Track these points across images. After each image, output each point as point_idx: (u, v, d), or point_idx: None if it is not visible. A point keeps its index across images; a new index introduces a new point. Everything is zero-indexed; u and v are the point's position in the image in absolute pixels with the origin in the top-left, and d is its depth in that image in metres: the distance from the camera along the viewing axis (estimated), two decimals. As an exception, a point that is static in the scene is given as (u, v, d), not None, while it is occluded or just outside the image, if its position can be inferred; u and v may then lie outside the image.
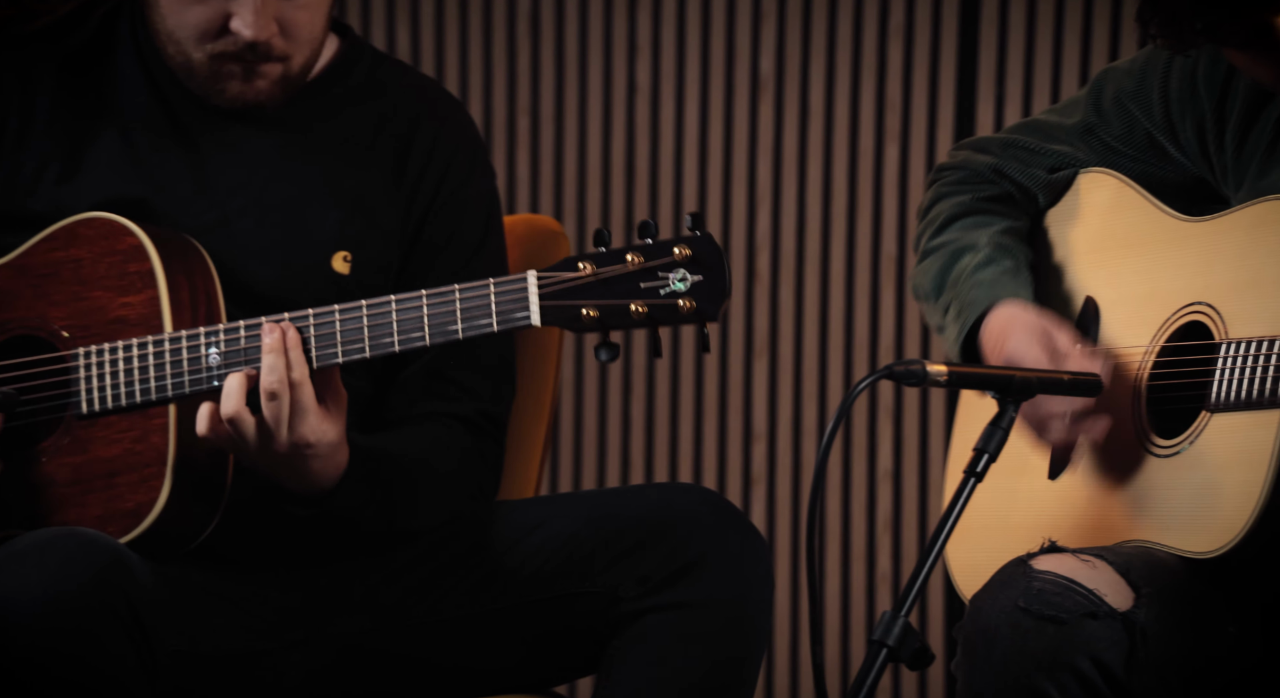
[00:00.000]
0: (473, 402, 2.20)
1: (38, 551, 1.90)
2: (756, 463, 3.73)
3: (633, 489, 2.17)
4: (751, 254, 3.72)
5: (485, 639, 2.14)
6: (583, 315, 1.92)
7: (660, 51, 3.73)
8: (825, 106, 3.70)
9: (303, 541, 2.14)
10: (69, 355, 2.06)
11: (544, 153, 3.76)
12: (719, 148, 3.72)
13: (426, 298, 1.96)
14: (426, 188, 2.20)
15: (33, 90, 2.15)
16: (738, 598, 2.08)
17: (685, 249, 1.92)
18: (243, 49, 2.08)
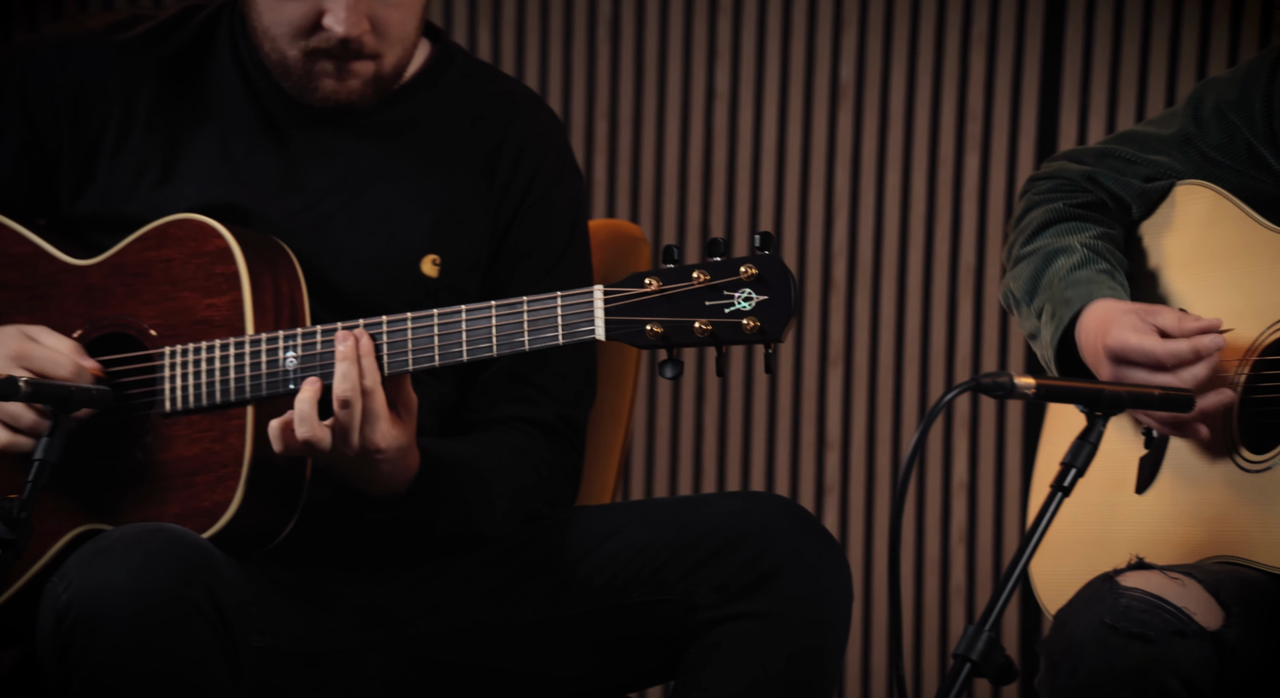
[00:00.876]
0: (552, 406, 2.21)
1: (125, 546, 1.92)
2: (830, 472, 3.71)
3: (710, 497, 2.16)
4: (828, 263, 3.70)
5: (560, 645, 2.14)
6: (647, 332, 1.93)
7: (740, 56, 3.72)
8: (905, 114, 3.68)
9: (381, 543, 2.15)
10: (156, 354, 2.09)
11: (621, 157, 3.76)
12: (797, 155, 3.71)
13: (496, 309, 1.98)
14: (514, 193, 2.22)
15: (132, 95, 2.18)
16: (815, 608, 2.07)
17: (752, 268, 1.92)
18: (335, 46, 2.10)
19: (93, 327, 2.12)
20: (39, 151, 2.19)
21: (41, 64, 2.18)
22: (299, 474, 2.06)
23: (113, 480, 2.08)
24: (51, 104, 2.18)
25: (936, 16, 3.65)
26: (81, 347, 2.10)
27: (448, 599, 2.14)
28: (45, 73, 2.18)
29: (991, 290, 3.67)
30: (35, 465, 1.92)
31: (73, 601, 1.90)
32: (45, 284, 2.14)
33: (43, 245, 2.15)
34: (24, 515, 1.84)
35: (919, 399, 3.68)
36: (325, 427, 1.99)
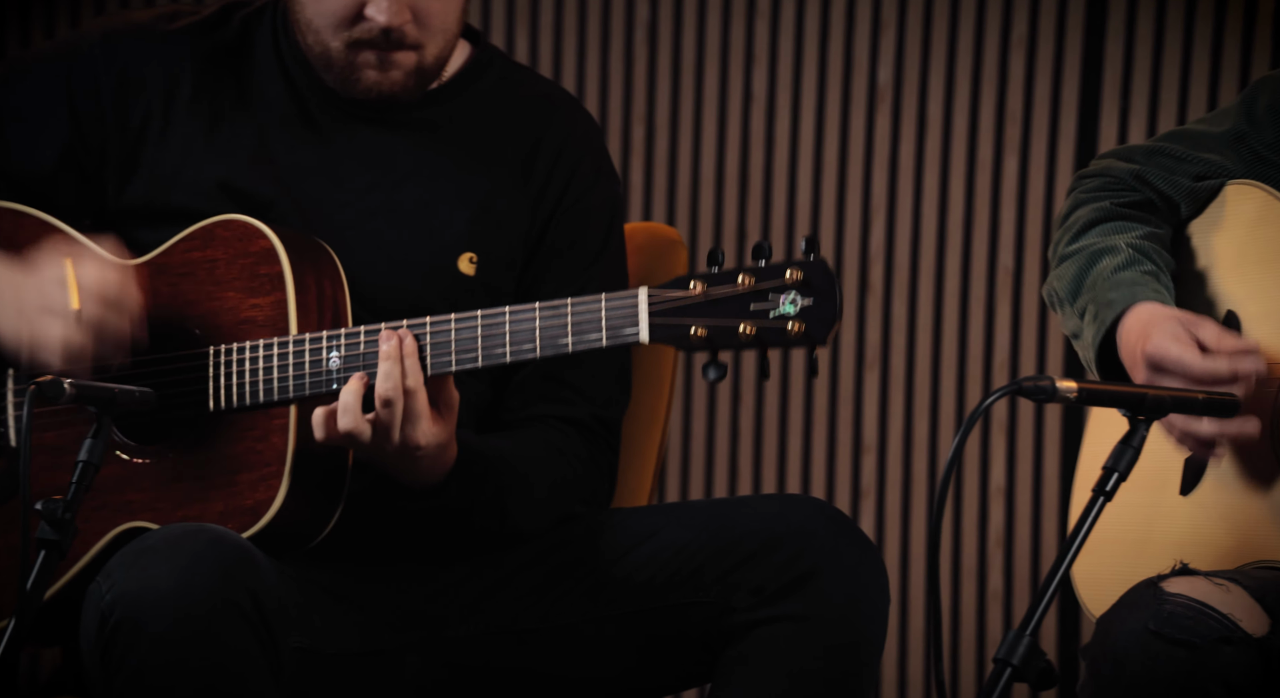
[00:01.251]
0: (587, 406, 2.21)
1: (168, 547, 1.93)
2: (866, 476, 3.70)
3: (747, 499, 2.16)
4: (865, 266, 3.70)
5: (596, 647, 2.14)
6: (691, 334, 1.93)
7: (777, 60, 3.72)
8: (943, 117, 3.67)
9: (418, 538, 2.15)
10: (201, 354, 2.10)
11: (658, 161, 3.76)
12: (834, 158, 3.71)
13: (539, 310, 1.99)
14: (551, 193, 2.22)
15: (175, 86, 2.19)
16: (853, 611, 2.07)
17: (797, 272, 1.92)
18: (377, 36, 2.11)
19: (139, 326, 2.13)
20: (83, 148, 2.20)
21: (86, 60, 2.19)
22: (340, 474, 2.07)
23: (155, 479, 2.09)
24: (96, 99, 2.19)
25: (976, 19, 3.64)
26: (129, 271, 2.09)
27: (484, 601, 2.15)
28: (90, 68, 2.19)
29: (1030, 294, 3.66)
30: (79, 467, 1.93)
31: (116, 601, 1.91)
32: None
33: (89, 245, 2.17)
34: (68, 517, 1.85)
35: (956, 403, 3.67)
36: (367, 421, 1.99)
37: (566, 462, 2.18)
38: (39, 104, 2.20)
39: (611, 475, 2.24)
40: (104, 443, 1.94)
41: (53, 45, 2.23)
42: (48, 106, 2.19)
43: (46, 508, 1.86)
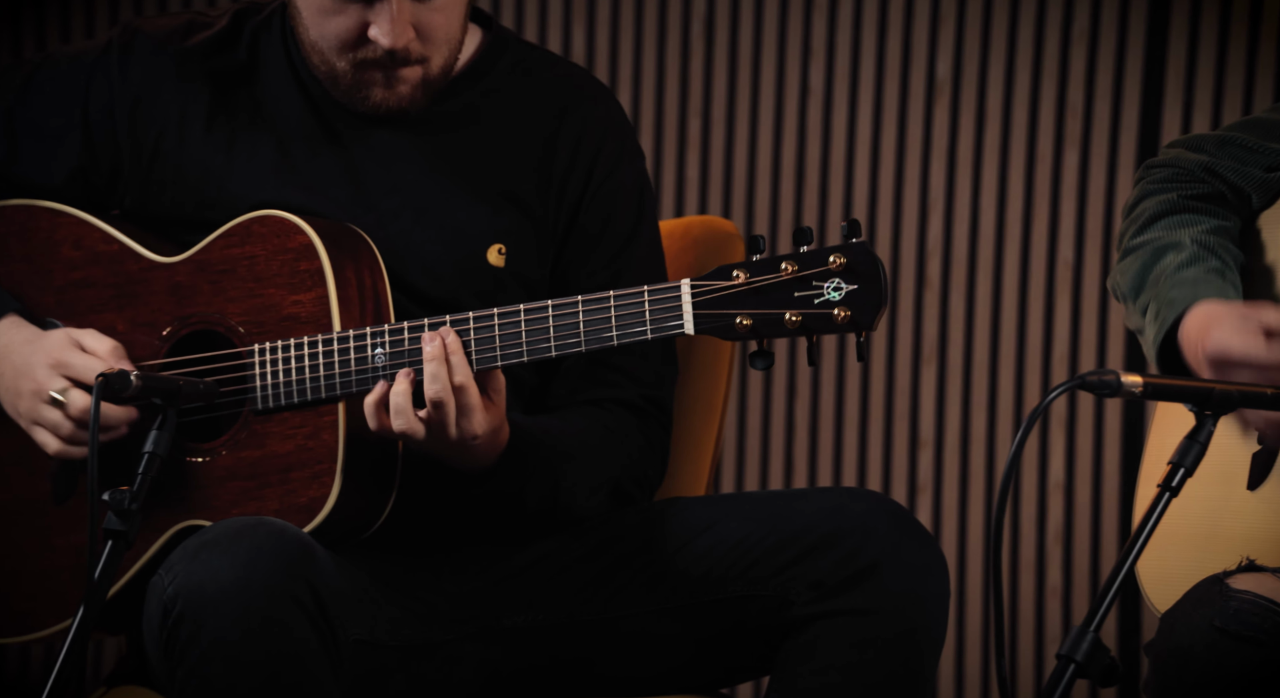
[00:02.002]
0: (635, 386, 2.21)
1: (229, 540, 1.94)
2: (922, 471, 3.69)
3: (806, 492, 2.15)
4: (922, 260, 3.68)
5: (653, 639, 2.14)
6: (736, 324, 1.92)
7: (835, 54, 3.71)
8: (1003, 111, 3.65)
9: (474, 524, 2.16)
10: (246, 352, 2.10)
11: (714, 155, 3.75)
12: (891, 152, 3.69)
13: (583, 304, 1.99)
14: (577, 177, 2.21)
15: (189, 104, 2.20)
16: (914, 606, 2.06)
17: (840, 258, 1.90)
18: (382, 56, 2.11)
19: (181, 324, 2.14)
20: (93, 167, 2.21)
21: (103, 78, 2.20)
22: (392, 466, 2.08)
23: (208, 478, 2.09)
24: (110, 117, 2.20)
25: (1036, 12, 3.62)
26: (123, 349, 2.11)
27: (541, 593, 2.15)
28: (106, 85, 2.20)
29: (1090, 288, 3.63)
30: (145, 458, 1.95)
31: (178, 594, 1.92)
32: (133, 281, 2.15)
33: (129, 243, 2.17)
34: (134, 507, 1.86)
35: (1014, 398, 3.65)
36: (420, 418, 2.00)
37: (617, 439, 2.18)
38: (53, 120, 2.20)
39: (664, 453, 2.23)
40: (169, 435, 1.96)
41: (71, 58, 2.23)
42: (62, 124, 2.20)
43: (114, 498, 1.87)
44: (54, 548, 2.14)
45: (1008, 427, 3.66)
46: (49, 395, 2.10)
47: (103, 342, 2.12)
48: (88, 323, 2.16)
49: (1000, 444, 3.67)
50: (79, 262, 2.18)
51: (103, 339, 2.12)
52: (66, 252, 2.18)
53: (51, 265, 2.19)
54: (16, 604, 2.15)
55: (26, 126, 2.21)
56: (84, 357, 2.11)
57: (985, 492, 3.68)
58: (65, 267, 2.18)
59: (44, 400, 2.11)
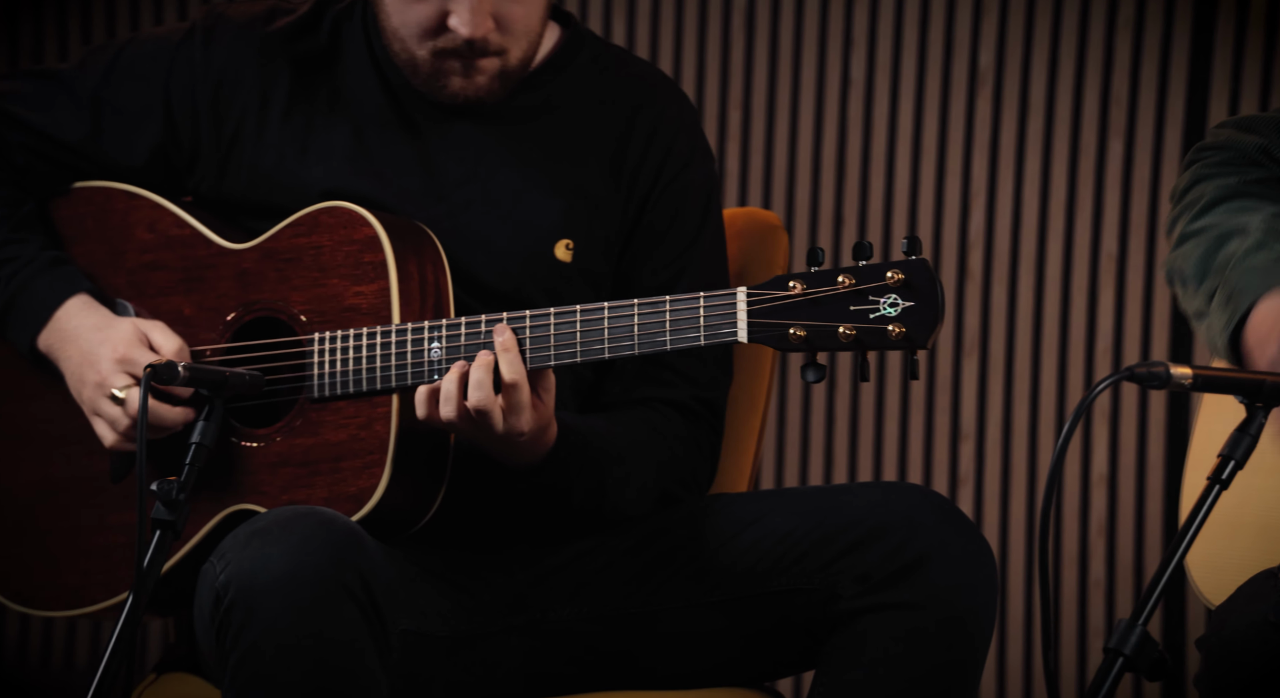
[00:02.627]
0: (688, 388, 2.21)
1: (280, 528, 1.95)
2: (964, 464, 3.68)
3: (851, 487, 2.15)
4: (964, 252, 3.67)
5: (699, 632, 2.14)
6: (790, 335, 1.92)
7: (876, 45, 3.70)
8: (1046, 101, 3.63)
9: (521, 521, 2.16)
10: (306, 340, 2.11)
11: (754, 147, 3.74)
12: (933, 143, 3.68)
13: (638, 308, 1.99)
14: (646, 175, 2.22)
15: (269, 89, 2.21)
16: (960, 600, 2.05)
17: (898, 274, 1.90)
18: (461, 46, 2.12)
19: (246, 310, 2.16)
20: (174, 148, 2.23)
21: (185, 60, 2.22)
22: (442, 460, 2.09)
23: (261, 463, 2.11)
24: (191, 100, 2.22)
25: (1081, 2, 3.60)
26: (188, 349, 2.14)
27: (588, 585, 2.15)
28: (189, 69, 2.22)
29: (1134, 279, 3.62)
30: (192, 448, 1.96)
31: (230, 581, 1.93)
32: (201, 267, 2.18)
33: (200, 228, 2.19)
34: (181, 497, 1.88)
35: (1056, 390, 3.64)
36: (468, 410, 2.00)
37: (666, 442, 2.18)
38: (137, 102, 2.23)
39: (714, 457, 2.23)
40: (216, 425, 1.97)
41: (155, 40, 2.25)
42: (145, 105, 2.22)
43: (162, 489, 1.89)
44: (109, 525, 2.17)
45: (1050, 419, 3.65)
46: (111, 392, 2.12)
47: (169, 339, 2.14)
48: (156, 305, 2.19)
49: (1042, 437, 3.66)
50: (151, 244, 2.20)
51: (170, 337, 2.15)
52: (140, 234, 2.21)
53: (125, 247, 2.21)
54: (70, 579, 2.18)
55: (111, 108, 2.23)
56: (149, 356, 2.13)
57: (1027, 485, 3.66)
58: (138, 249, 2.21)
59: (105, 395, 2.13)
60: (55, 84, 2.25)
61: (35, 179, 2.25)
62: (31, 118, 2.24)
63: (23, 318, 2.19)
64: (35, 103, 2.24)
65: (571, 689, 2.17)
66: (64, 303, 2.17)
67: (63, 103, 2.24)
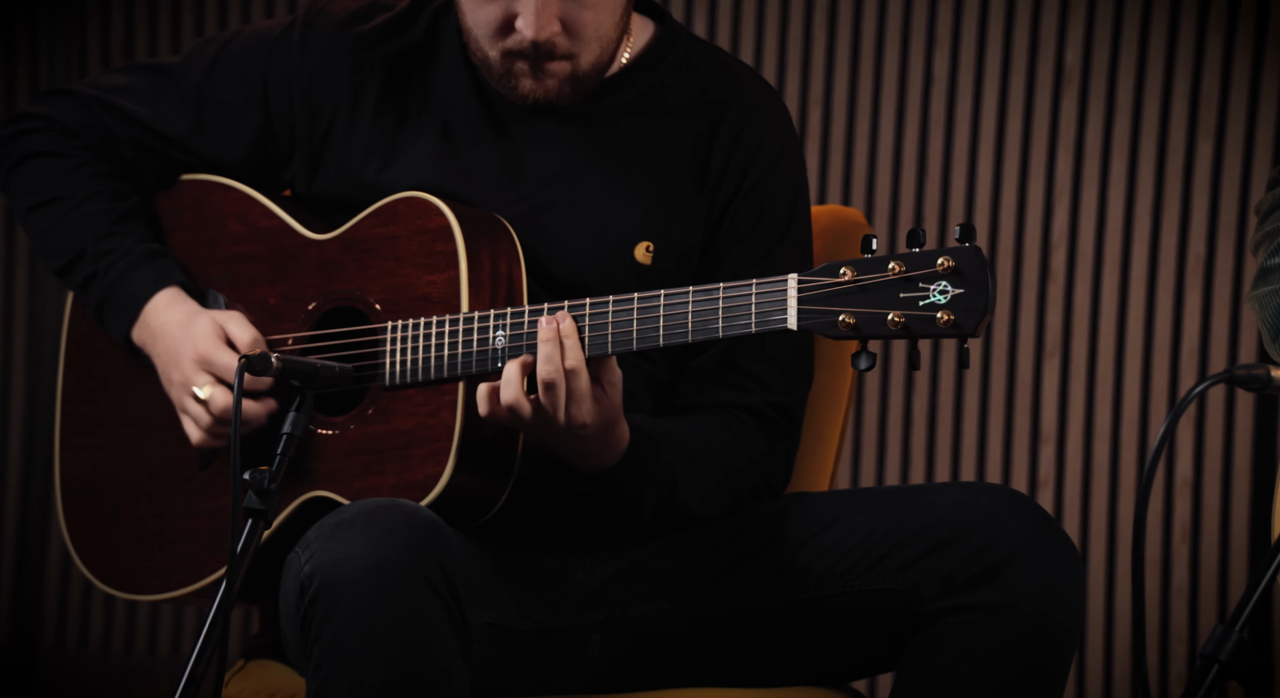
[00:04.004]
0: (763, 392, 2.20)
1: (363, 519, 1.96)
2: (1044, 465, 3.65)
3: (933, 487, 2.13)
4: (1046, 252, 3.64)
5: (779, 631, 2.13)
6: (839, 322, 1.91)
7: (960, 43, 3.67)
8: (1134, 100, 3.60)
9: (593, 522, 2.16)
10: (379, 329, 2.13)
11: (834, 145, 3.73)
12: (1016, 142, 3.65)
13: (693, 295, 1.98)
14: (732, 175, 2.21)
15: (362, 87, 2.23)
16: (1047, 603, 2.03)
17: (949, 260, 1.87)
18: (527, 48, 2.12)
19: (326, 299, 2.18)
20: (271, 140, 2.25)
21: (283, 55, 2.24)
22: (510, 450, 2.09)
23: (335, 451, 2.13)
24: (287, 94, 2.23)
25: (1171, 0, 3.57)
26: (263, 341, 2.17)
27: (669, 582, 2.15)
28: (286, 63, 2.24)
29: (1221, 282, 3.58)
30: (283, 439, 1.98)
31: (314, 572, 1.94)
32: (287, 257, 2.20)
33: (287, 219, 2.22)
34: (273, 487, 1.89)
35: (1140, 393, 3.60)
36: (530, 398, 2.01)
37: (740, 447, 2.17)
38: (238, 97, 2.25)
39: (788, 462, 2.22)
40: (307, 416, 1.99)
41: (256, 35, 2.27)
42: (244, 100, 2.24)
43: (254, 478, 1.90)
44: (196, 512, 2.20)
45: (1133, 422, 3.61)
46: (193, 392, 2.16)
47: (245, 331, 2.17)
48: (245, 294, 2.22)
49: (1125, 440, 3.62)
50: (242, 235, 2.23)
51: (246, 328, 2.17)
52: (232, 226, 2.24)
53: (218, 238, 2.24)
54: (161, 563, 2.21)
55: (212, 102, 2.26)
56: (226, 354, 2.16)
57: (1108, 488, 3.63)
58: (230, 240, 2.24)
59: (189, 394, 2.17)
60: (164, 78, 2.28)
61: (143, 172, 2.29)
62: (140, 112, 2.27)
63: (117, 311, 2.22)
64: (144, 98, 2.27)
65: (651, 686, 2.16)
66: (153, 297, 2.20)
67: (169, 97, 2.27)
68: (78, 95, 2.29)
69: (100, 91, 2.28)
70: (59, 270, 2.26)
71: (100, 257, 2.23)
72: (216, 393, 2.14)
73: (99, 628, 3.92)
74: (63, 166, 2.26)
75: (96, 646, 3.92)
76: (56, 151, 2.27)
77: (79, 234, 2.23)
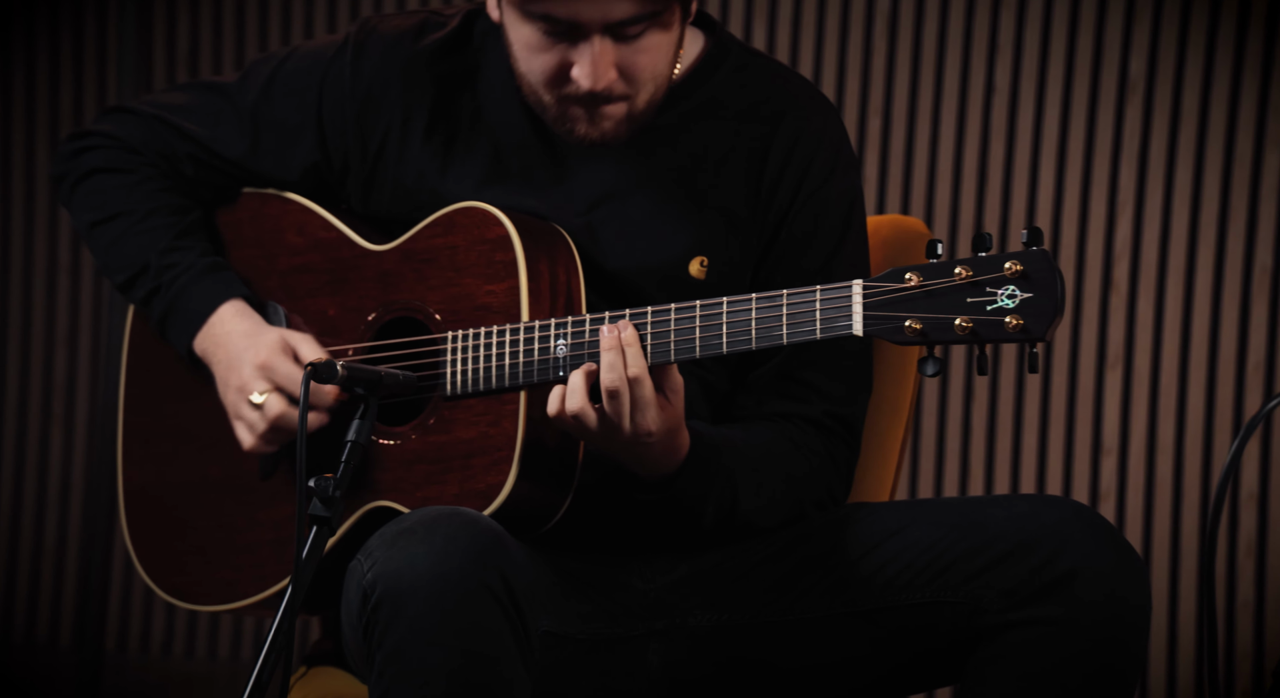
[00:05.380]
0: (822, 403, 2.19)
1: (424, 528, 1.96)
2: (1105, 478, 3.62)
3: (996, 499, 2.12)
4: (1109, 262, 3.61)
5: (839, 642, 2.12)
6: (905, 328, 1.90)
7: (1023, 51, 3.65)
8: (1200, 109, 3.56)
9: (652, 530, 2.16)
10: (440, 339, 2.13)
11: (894, 154, 3.71)
12: (1079, 152, 3.62)
13: (755, 301, 1.98)
14: (787, 186, 2.20)
15: (414, 106, 2.23)
16: (1112, 618, 2.01)
17: (1017, 265, 1.86)
18: (584, 95, 2.11)
19: (385, 310, 2.18)
20: (325, 163, 2.26)
21: (337, 76, 2.25)
22: (571, 459, 2.09)
23: (396, 460, 2.13)
24: (341, 116, 2.25)
25: (1239, 6, 3.53)
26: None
27: (728, 592, 2.14)
28: (339, 85, 2.25)
29: (1288, 294, 3.54)
30: (348, 446, 1.99)
31: (376, 580, 1.95)
32: (346, 268, 2.21)
33: (345, 231, 2.23)
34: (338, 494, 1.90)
35: (1204, 405, 3.57)
36: (594, 407, 2.00)
37: (801, 456, 2.16)
38: (293, 118, 2.26)
39: (849, 473, 2.21)
40: (371, 424, 2.00)
41: (311, 55, 2.28)
42: (300, 121, 2.26)
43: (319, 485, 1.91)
44: (258, 522, 2.21)
45: (1197, 436, 3.58)
46: (250, 397, 2.16)
47: (314, 352, 2.18)
48: (304, 306, 2.23)
49: (1189, 453, 3.59)
50: (301, 247, 2.24)
51: (315, 349, 2.19)
52: (291, 237, 2.25)
53: (277, 250, 2.26)
54: (224, 574, 2.22)
55: (269, 123, 2.27)
56: (289, 365, 2.17)
57: (1171, 501, 3.59)
58: (289, 252, 2.25)
59: (245, 400, 2.17)
60: (221, 99, 2.30)
61: (202, 188, 2.31)
62: (199, 132, 2.29)
63: (181, 322, 2.24)
64: (203, 118, 2.29)
65: (710, 695, 2.16)
66: (218, 308, 2.22)
67: (227, 118, 2.28)
68: (138, 112, 2.31)
69: (159, 110, 2.30)
70: (122, 285, 2.28)
71: (164, 271, 2.25)
72: (272, 400, 2.15)
73: (160, 632, 3.94)
74: (125, 183, 2.28)
75: (158, 650, 3.94)
76: (119, 168, 2.29)
77: (142, 249, 2.25)
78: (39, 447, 3.98)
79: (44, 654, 3.97)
